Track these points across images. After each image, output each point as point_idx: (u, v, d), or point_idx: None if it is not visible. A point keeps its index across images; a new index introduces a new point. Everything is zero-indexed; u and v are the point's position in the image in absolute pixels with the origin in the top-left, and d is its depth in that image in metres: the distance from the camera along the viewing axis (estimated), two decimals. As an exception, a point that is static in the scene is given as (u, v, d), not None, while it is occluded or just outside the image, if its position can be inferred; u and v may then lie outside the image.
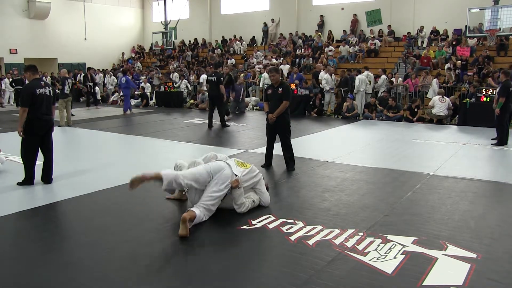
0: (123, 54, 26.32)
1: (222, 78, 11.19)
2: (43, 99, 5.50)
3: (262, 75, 15.81)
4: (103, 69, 22.28)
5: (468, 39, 15.97)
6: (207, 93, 16.23)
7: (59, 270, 3.31)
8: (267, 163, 6.62)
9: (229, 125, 11.11)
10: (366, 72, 13.52)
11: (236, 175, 4.38)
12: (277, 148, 6.55)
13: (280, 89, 6.33)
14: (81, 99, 16.73)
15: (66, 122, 11.52)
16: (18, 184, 5.53)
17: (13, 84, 18.14)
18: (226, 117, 11.50)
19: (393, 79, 14.16)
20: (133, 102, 17.61)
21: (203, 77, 17.25)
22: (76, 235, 3.99)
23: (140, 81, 19.28)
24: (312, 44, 19.69)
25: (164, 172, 4.16)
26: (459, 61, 14.68)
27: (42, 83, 5.63)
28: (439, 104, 11.51)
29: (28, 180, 5.54)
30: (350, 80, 13.63)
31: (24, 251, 3.70)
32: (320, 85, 14.08)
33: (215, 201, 4.28)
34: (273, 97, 6.39)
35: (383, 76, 14.01)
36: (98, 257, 3.51)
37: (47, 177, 5.67)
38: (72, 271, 3.27)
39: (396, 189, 5.43)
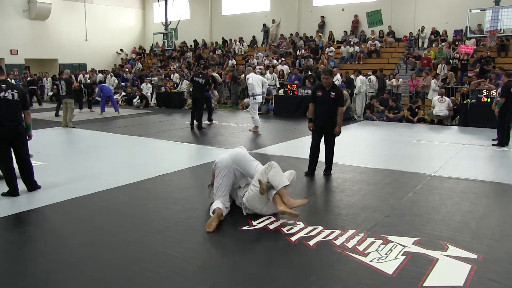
0: (122, 50, 26.43)
1: (210, 80, 11.13)
2: (2, 103, 4.99)
3: (267, 75, 15.56)
4: (103, 70, 22.29)
5: (467, 40, 16.01)
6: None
7: (58, 270, 3.31)
8: (311, 170, 6.17)
9: (204, 128, 10.96)
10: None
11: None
12: (275, 149, 6.53)
13: (333, 93, 5.92)
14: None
15: (66, 124, 11.53)
16: (3, 194, 5.16)
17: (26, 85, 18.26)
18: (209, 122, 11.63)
19: (393, 81, 14.13)
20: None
21: (177, 75, 17.22)
22: (76, 236, 3.99)
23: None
24: (312, 45, 19.69)
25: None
26: (456, 60, 14.69)
27: (4, 85, 5.06)
28: (439, 105, 11.51)
29: (11, 192, 5.16)
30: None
31: (23, 252, 3.71)
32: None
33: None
34: (324, 101, 5.96)
35: (361, 77, 13.30)
36: (98, 258, 3.51)
37: (29, 184, 5.33)
38: (72, 272, 3.27)
39: (397, 190, 5.43)
